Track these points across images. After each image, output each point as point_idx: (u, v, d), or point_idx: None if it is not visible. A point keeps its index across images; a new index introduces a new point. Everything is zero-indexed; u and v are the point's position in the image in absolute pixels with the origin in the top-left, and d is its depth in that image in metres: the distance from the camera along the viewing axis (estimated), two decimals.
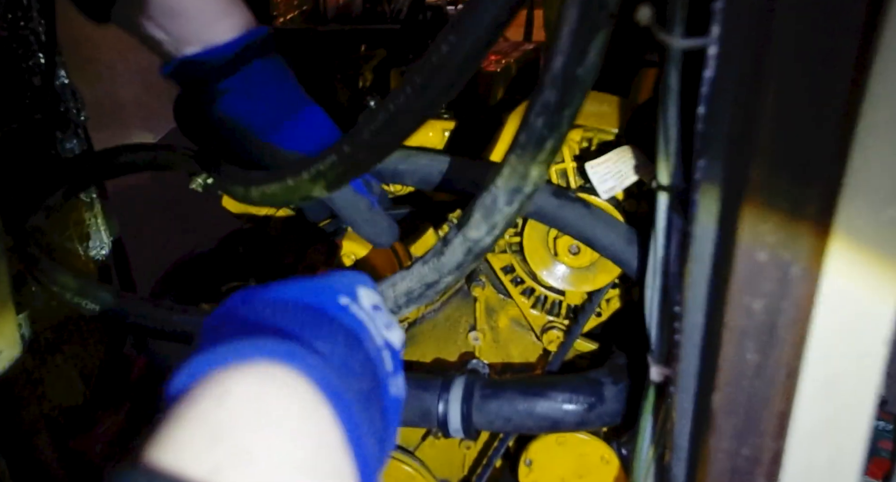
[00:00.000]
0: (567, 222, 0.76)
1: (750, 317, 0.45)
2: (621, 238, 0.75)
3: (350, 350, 0.44)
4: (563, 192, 0.77)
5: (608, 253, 0.76)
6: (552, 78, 0.47)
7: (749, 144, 0.40)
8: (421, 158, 0.81)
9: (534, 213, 0.77)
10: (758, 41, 0.39)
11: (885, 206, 0.39)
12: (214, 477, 0.31)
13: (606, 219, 0.76)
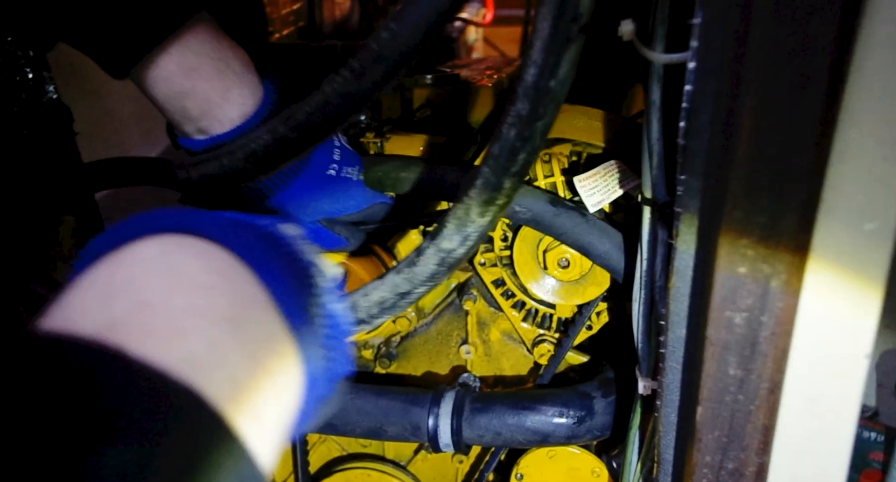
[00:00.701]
0: (563, 230, 0.76)
1: (731, 331, 0.44)
2: (616, 247, 0.74)
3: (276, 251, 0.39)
4: (560, 201, 0.76)
5: (603, 261, 0.75)
6: (525, 90, 0.47)
7: (727, 159, 0.40)
8: (420, 166, 0.81)
9: (530, 220, 0.76)
10: (735, 55, 0.39)
11: (862, 221, 0.38)
12: (110, 333, 0.28)
13: (602, 228, 0.75)
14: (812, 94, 0.35)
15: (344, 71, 0.52)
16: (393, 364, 1.02)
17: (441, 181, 0.80)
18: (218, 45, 0.67)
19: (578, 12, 0.42)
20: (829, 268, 0.40)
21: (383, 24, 0.50)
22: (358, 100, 0.53)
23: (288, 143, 0.58)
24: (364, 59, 0.51)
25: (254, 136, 0.60)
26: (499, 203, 0.51)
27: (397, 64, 0.51)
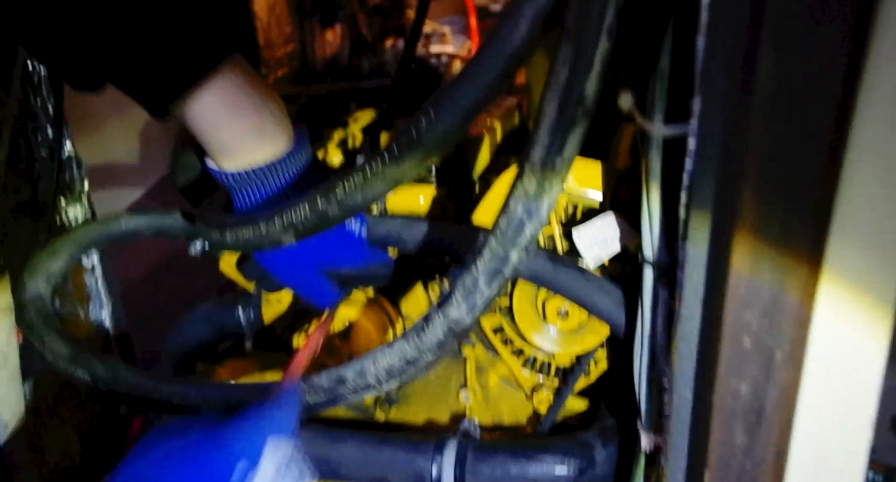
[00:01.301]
0: (564, 287, 0.76)
1: (737, 399, 0.44)
2: (616, 304, 0.74)
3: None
4: (559, 258, 0.77)
5: (604, 317, 0.76)
6: (531, 167, 0.48)
7: (730, 237, 0.40)
8: (423, 226, 0.82)
9: (531, 277, 0.77)
10: (734, 138, 0.40)
11: (863, 294, 0.39)
12: None
13: (601, 284, 0.76)
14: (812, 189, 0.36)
15: (384, 153, 0.54)
16: (393, 408, 1.01)
17: (444, 242, 0.81)
18: (254, 82, 0.69)
19: (584, 96, 0.43)
20: (831, 342, 0.40)
21: (422, 110, 0.51)
22: (393, 180, 0.55)
23: (326, 218, 0.59)
24: (402, 143, 0.53)
25: (293, 206, 0.61)
26: (505, 274, 0.52)
27: (433, 149, 0.52)
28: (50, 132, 0.94)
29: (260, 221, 0.63)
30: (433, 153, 0.53)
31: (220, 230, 0.67)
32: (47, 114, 0.94)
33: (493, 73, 0.47)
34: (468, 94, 0.49)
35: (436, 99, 0.51)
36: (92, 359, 0.72)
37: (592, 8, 0.40)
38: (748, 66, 0.37)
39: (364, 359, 0.60)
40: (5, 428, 0.72)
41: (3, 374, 0.71)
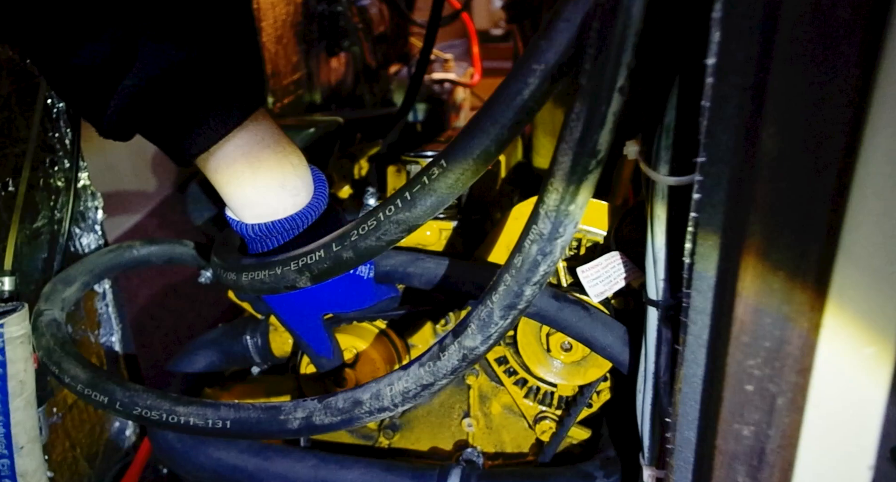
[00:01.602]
0: (567, 324, 0.77)
1: (739, 442, 0.45)
2: (619, 340, 0.76)
3: None
4: (563, 295, 0.78)
5: (606, 354, 0.77)
6: (546, 212, 0.50)
7: (735, 282, 0.42)
8: (428, 262, 0.83)
9: (535, 314, 0.78)
10: (738, 193, 0.42)
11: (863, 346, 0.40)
12: None
13: (604, 321, 0.77)
14: (812, 246, 0.38)
15: (396, 199, 0.55)
16: (396, 435, 1.02)
17: (449, 278, 0.82)
18: (278, 136, 0.69)
19: (597, 149, 0.44)
20: (832, 387, 0.42)
21: (435, 160, 0.53)
22: (407, 226, 0.56)
23: (342, 262, 0.60)
24: (415, 190, 0.54)
25: (308, 251, 0.62)
26: (520, 308, 0.54)
27: (445, 196, 0.54)
28: (66, 163, 0.96)
29: (276, 265, 0.64)
30: (445, 200, 0.54)
31: (235, 272, 0.68)
32: (64, 146, 0.95)
33: (503, 125, 0.49)
34: (478, 144, 0.51)
35: (448, 148, 0.53)
36: (110, 382, 0.73)
37: (606, 70, 0.42)
38: (752, 127, 0.38)
39: (380, 382, 0.62)
40: (21, 451, 0.73)
41: (20, 401, 0.72)
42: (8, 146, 0.85)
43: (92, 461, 1.07)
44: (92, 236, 1.03)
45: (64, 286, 0.89)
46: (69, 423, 1.00)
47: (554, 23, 0.45)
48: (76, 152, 0.94)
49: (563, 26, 0.44)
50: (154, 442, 0.95)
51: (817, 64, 0.34)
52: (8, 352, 0.69)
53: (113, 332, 1.10)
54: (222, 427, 0.71)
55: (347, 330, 0.92)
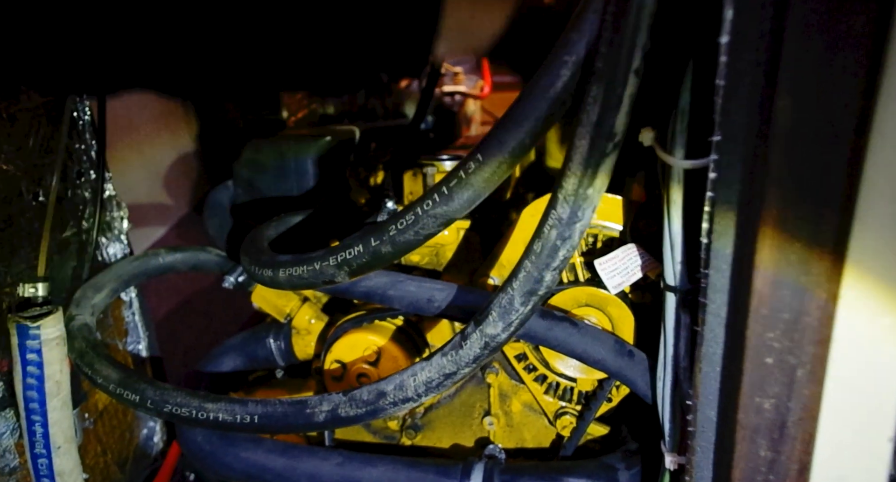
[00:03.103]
0: (557, 342, 0.76)
1: (760, 415, 0.46)
2: (611, 351, 0.75)
3: None
4: (550, 313, 0.77)
5: (600, 366, 0.76)
6: (565, 196, 0.50)
7: (752, 257, 0.42)
8: (409, 285, 0.81)
9: (524, 335, 0.76)
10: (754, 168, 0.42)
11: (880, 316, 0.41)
12: None
13: (594, 334, 0.77)
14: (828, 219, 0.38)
15: (433, 193, 0.56)
16: (418, 435, 1.02)
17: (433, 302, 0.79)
18: None
19: (614, 131, 0.45)
20: (851, 358, 0.42)
21: (470, 154, 0.54)
22: (443, 219, 0.57)
23: (380, 255, 0.61)
24: (452, 185, 0.55)
25: (347, 246, 0.63)
26: (540, 294, 0.54)
27: (481, 189, 0.54)
28: (92, 175, 0.98)
29: (314, 260, 0.65)
30: (481, 194, 0.55)
31: (272, 269, 0.69)
32: (90, 158, 0.97)
33: (537, 117, 0.50)
34: (513, 137, 0.51)
35: (483, 142, 0.53)
36: (141, 382, 0.74)
37: (622, 52, 0.43)
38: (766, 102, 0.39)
39: (403, 373, 0.62)
40: (59, 451, 0.74)
41: (57, 401, 0.73)
42: (38, 158, 0.87)
43: (122, 466, 1.08)
44: (118, 245, 1.05)
45: (94, 292, 0.91)
46: (100, 429, 1.01)
47: (583, 15, 0.46)
48: (102, 164, 0.96)
49: (592, 18, 0.45)
50: (183, 443, 0.95)
51: (829, 36, 0.34)
52: (45, 353, 0.70)
53: (140, 340, 1.11)
54: (250, 422, 0.71)
55: (368, 328, 0.92)
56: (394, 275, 0.83)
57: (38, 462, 0.75)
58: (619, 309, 0.81)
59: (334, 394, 0.69)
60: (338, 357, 0.92)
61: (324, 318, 1.03)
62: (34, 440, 0.74)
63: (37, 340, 0.70)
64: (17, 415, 0.83)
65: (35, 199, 0.86)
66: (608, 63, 0.44)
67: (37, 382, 0.71)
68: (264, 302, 1.04)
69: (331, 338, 0.93)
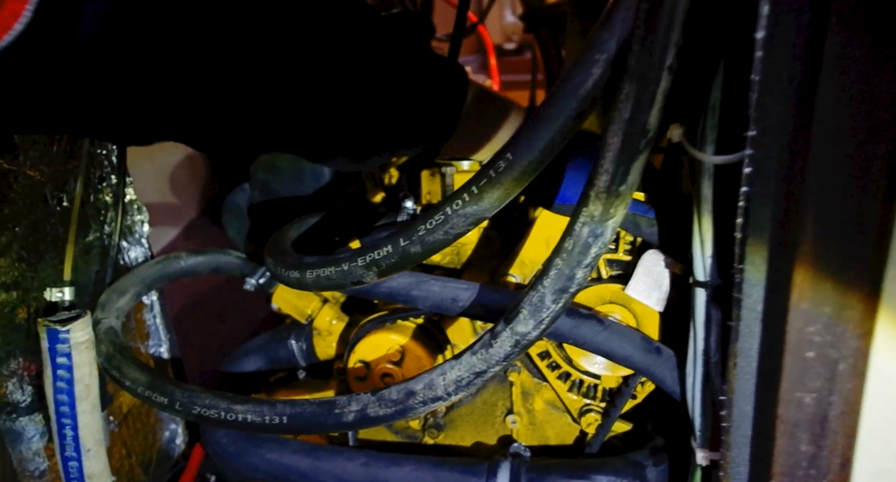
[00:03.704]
0: (584, 340, 0.76)
1: (801, 410, 0.45)
2: (638, 348, 0.75)
3: None
4: (576, 311, 0.77)
5: (627, 363, 0.76)
6: (597, 193, 0.50)
7: (791, 255, 0.42)
8: (433, 285, 0.81)
9: (550, 333, 0.74)
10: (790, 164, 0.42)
11: None
12: None
13: (621, 331, 0.76)
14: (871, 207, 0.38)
15: (463, 193, 0.56)
16: (441, 434, 1.02)
17: (458, 302, 0.79)
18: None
19: (646, 128, 0.45)
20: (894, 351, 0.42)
21: (501, 152, 0.54)
22: (473, 218, 0.57)
23: (409, 256, 0.61)
24: (482, 184, 0.55)
25: (375, 246, 0.63)
26: (571, 291, 0.54)
27: (511, 187, 0.54)
28: (114, 179, 0.98)
29: (342, 261, 0.65)
30: (512, 192, 0.55)
31: (298, 270, 0.69)
32: (111, 162, 0.98)
33: (568, 116, 0.50)
34: (544, 135, 0.51)
35: (512, 141, 0.53)
36: (169, 384, 0.74)
37: (655, 49, 0.43)
38: (805, 96, 0.39)
39: (432, 372, 0.62)
40: (88, 454, 0.74)
41: (86, 404, 0.73)
42: (61, 164, 0.87)
43: (146, 468, 1.08)
44: (139, 249, 1.05)
45: (118, 296, 0.91)
46: (125, 432, 1.01)
47: (614, 13, 0.46)
48: (123, 168, 0.96)
49: (623, 15, 0.45)
50: (207, 445, 0.96)
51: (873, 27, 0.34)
52: (74, 357, 0.71)
53: (161, 343, 1.12)
54: (279, 422, 0.72)
55: (391, 328, 0.92)
56: (417, 275, 0.83)
57: (69, 465, 0.75)
58: (643, 306, 0.81)
59: (363, 393, 0.69)
60: (361, 357, 0.93)
61: (345, 319, 1.04)
62: (64, 443, 0.74)
63: (66, 344, 0.71)
64: (45, 419, 0.84)
65: (59, 204, 0.87)
66: (641, 60, 0.44)
67: (67, 386, 0.72)
68: (285, 303, 1.04)
69: (353, 339, 0.94)
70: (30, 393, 0.81)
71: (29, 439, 0.81)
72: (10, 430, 0.78)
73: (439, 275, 0.84)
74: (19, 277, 0.80)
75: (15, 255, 0.79)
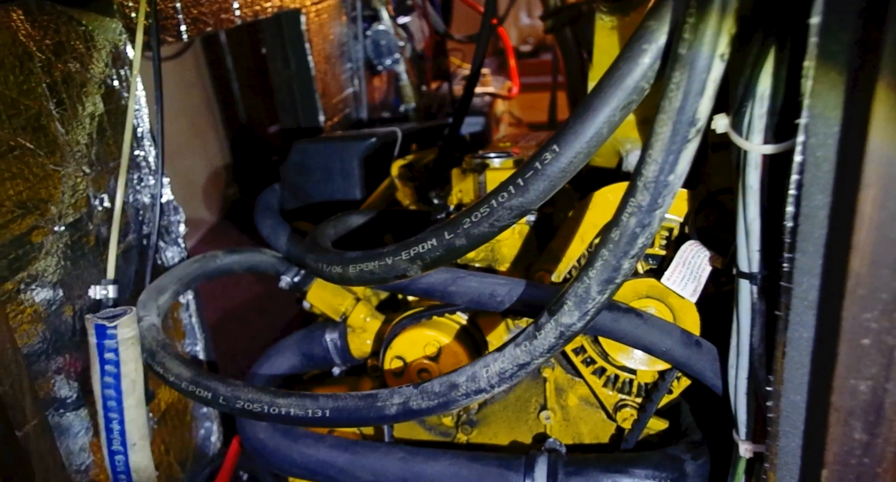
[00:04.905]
0: (624, 334, 0.76)
1: (855, 398, 0.45)
2: (678, 342, 0.75)
3: None
4: (615, 305, 0.77)
5: (667, 357, 0.76)
6: (645, 183, 0.50)
7: (846, 242, 0.42)
8: (470, 281, 0.81)
9: (590, 328, 0.76)
10: (845, 149, 0.42)
11: None
12: None
13: (661, 325, 0.76)
14: None
15: (509, 185, 0.57)
16: (474, 430, 1.03)
17: (496, 297, 0.79)
18: None
19: (696, 118, 0.45)
20: None
21: (546, 145, 0.54)
22: (518, 210, 0.57)
23: (454, 248, 0.61)
24: (527, 176, 0.55)
25: (420, 240, 0.64)
26: (617, 282, 0.54)
27: (557, 180, 0.55)
28: (151, 180, 1.00)
29: (386, 255, 0.66)
30: (557, 184, 0.55)
31: (341, 265, 0.70)
32: (148, 164, 0.99)
33: (615, 107, 0.50)
34: (591, 127, 0.52)
35: (559, 133, 0.54)
36: (212, 379, 0.75)
37: (706, 37, 0.43)
38: (864, 80, 0.39)
39: (475, 365, 0.63)
40: (134, 448, 0.75)
41: (132, 399, 0.74)
42: (102, 164, 0.88)
43: (183, 465, 1.09)
44: (175, 249, 1.06)
45: (158, 294, 0.92)
46: (163, 429, 1.03)
47: (662, 4, 0.46)
48: (160, 169, 0.98)
49: (672, 4, 0.45)
50: (245, 441, 0.97)
51: None
52: (121, 352, 0.72)
53: (196, 342, 1.13)
54: (322, 416, 0.72)
55: (427, 324, 0.93)
56: (454, 271, 0.84)
57: (115, 458, 0.76)
58: (680, 300, 0.80)
59: (405, 387, 0.70)
60: (398, 353, 0.93)
61: (378, 317, 1.04)
62: (111, 437, 0.75)
63: (114, 340, 0.72)
64: (90, 415, 0.85)
65: (101, 204, 0.88)
66: (693, 49, 0.44)
67: (114, 381, 0.73)
68: (320, 301, 1.05)
69: (390, 335, 0.94)
70: (76, 389, 0.82)
71: (75, 434, 0.82)
72: (58, 425, 0.79)
73: (477, 272, 0.84)
74: (64, 276, 0.81)
75: (60, 255, 0.81)
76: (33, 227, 0.76)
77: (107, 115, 0.89)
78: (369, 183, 1.29)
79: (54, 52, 0.78)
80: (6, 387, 0.69)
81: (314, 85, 1.88)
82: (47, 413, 0.77)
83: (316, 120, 1.95)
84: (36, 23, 0.75)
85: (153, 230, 0.99)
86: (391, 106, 2.59)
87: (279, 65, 1.80)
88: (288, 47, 1.76)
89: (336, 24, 2.00)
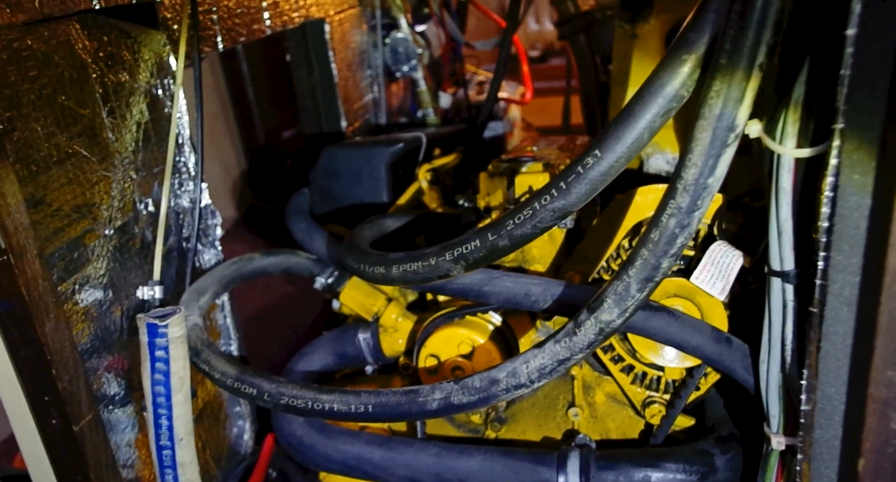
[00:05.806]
0: (655, 331, 0.78)
1: (892, 388, 0.47)
2: (709, 339, 0.77)
3: None
4: (648, 304, 0.78)
5: (698, 354, 0.78)
6: (685, 186, 0.52)
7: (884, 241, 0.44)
8: (505, 281, 0.83)
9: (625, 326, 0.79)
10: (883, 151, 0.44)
11: None
12: None
13: (692, 323, 0.78)
14: None
15: (551, 189, 0.59)
16: (503, 427, 1.05)
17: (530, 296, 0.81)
18: None
19: (735, 123, 0.47)
20: None
21: (588, 149, 0.56)
22: (563, 213, 0.60)
23: (497, 249, 0.64)
24: (570, 180, 0.58)
25: (464, 241, 0.66)
26: (656, 280, 0.56)
27: (598, 183, 0.57)
28: (191, 185, 1.02)
29: (430, 256, 0.68)
30: (598, 187, 0.57)
31: (384, 266, 0.72)
32: (188, 169, 1.02)
33: (655, 113, 0.52)
34: (631, 132, 0.54)
35: (600, 138, 0.56)
36: (257, 376, 0.78)
37: (746, 47, 0.45)
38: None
39: (515, 360, 0.65)
40: (181, 443, 0.78)
41: (180, 396, 0.77)
42: (147, 169, 0.91)
43: (218, 462, 1.12)
44: (212, 251, 1.09)
45: (199, 295, 0.95)
46: (200, 426, 1.05)
47: (702, 15, 0.48)
48: (199, 175, 1.00)
49: (711, 17, 0.48)
50: (282, 437, 0.99)
51: None
52: (171, 350, 0.75)
53: (231, 342, 1.16)
54: (364, 411, 0.75)
55: (461, 323, 0.95)
56: (489, 271, 0.86)
57: (163, 453, 0.79)
58: (707, 298, 0.82)
59: (445, 382, 0.72)
60: (433, 351, 0.95)
61: (410, 316, 1.06)
62: (160, 432, 0.78)
63: (165, 338, 0.74)
64: (135, 412, 0.88)
65: (146, 208, 0.91)
66: (733, 59, 0.46)
67: (163, 378, 0.76)
68: (353, 301, 1.07)
69: (423, 334, 0.96)
70: (123, 386, 0.85)
71: (122, 430, 0.85)
72: (108, 422, 0.82)
73: (511, 272, 0.86)
74: (113, 277, 0.84)
75: (109, 257, 0.83)
76: (87, 231, 0.79)
77: (151, 122, 0.92)
78: (395, 187, 1.31)
79: (107, 63, 0.81)
80: (65, 383, 0.72)
81: (337, 91, 1.91)
82: (98, 409, 0.80)
83: (338, 125, 1.99)
84: (91, 36, 0.78)
85: (193, 233, 1.02)
86: (408, 111, 2.62)
87: (303, 72, 1.84)
88: (312, 55, 1.79)
89: (357, 32, 2.03)
